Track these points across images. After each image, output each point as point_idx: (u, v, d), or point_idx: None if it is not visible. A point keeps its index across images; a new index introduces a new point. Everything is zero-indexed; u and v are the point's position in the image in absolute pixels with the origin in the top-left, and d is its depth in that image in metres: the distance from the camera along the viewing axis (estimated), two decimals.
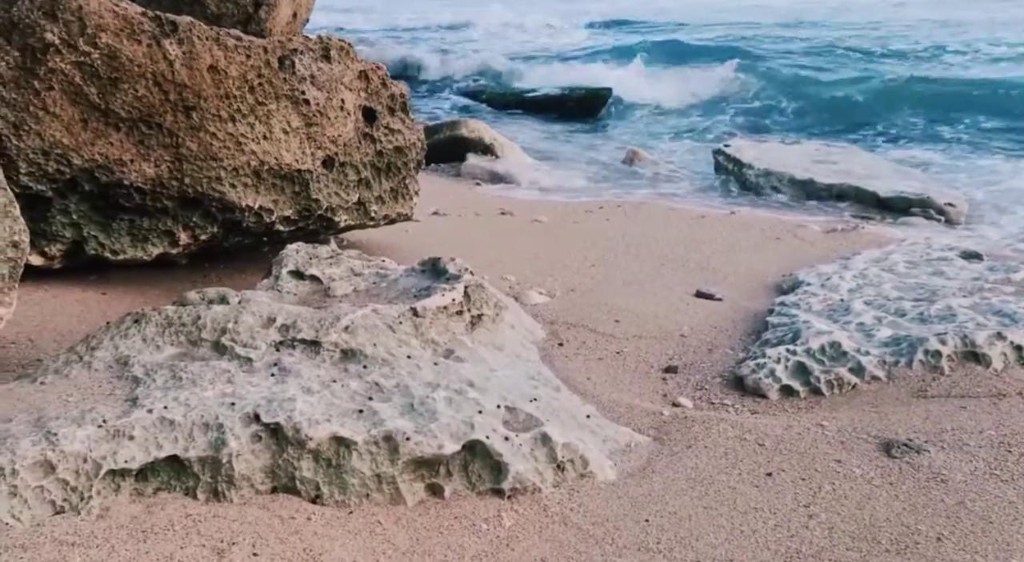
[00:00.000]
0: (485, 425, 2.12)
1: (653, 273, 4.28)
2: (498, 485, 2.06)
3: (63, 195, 3.25)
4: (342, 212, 3.87)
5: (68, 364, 2.26)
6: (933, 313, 3.21)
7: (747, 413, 2.64)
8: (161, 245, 3.46)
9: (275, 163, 3.54)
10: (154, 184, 3.32)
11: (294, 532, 1.81)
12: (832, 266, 4.20)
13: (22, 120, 3.05)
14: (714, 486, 2.14)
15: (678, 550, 1.87)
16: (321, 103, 3.68)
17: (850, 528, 1.95)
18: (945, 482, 2.14)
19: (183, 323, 2.40)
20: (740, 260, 4.61)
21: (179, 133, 3.29)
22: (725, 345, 3.23)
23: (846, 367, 2.81)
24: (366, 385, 2.24)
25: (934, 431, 2.41)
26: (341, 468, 1.99)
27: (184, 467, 1.92)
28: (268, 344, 2.37)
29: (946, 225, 5.82)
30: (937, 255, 4.33)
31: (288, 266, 3.06)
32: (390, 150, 4.04)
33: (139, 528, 1.75)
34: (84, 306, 3.26)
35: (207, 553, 1.69)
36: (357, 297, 2.87)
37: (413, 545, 1.84)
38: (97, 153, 3.18)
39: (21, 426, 1.90)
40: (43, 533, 1.70)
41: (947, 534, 1.92)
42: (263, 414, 2.01)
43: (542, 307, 3.58)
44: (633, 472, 2.22)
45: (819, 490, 2.12)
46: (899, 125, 9.50)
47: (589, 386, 2.79)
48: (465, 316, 2.78)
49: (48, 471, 1.79)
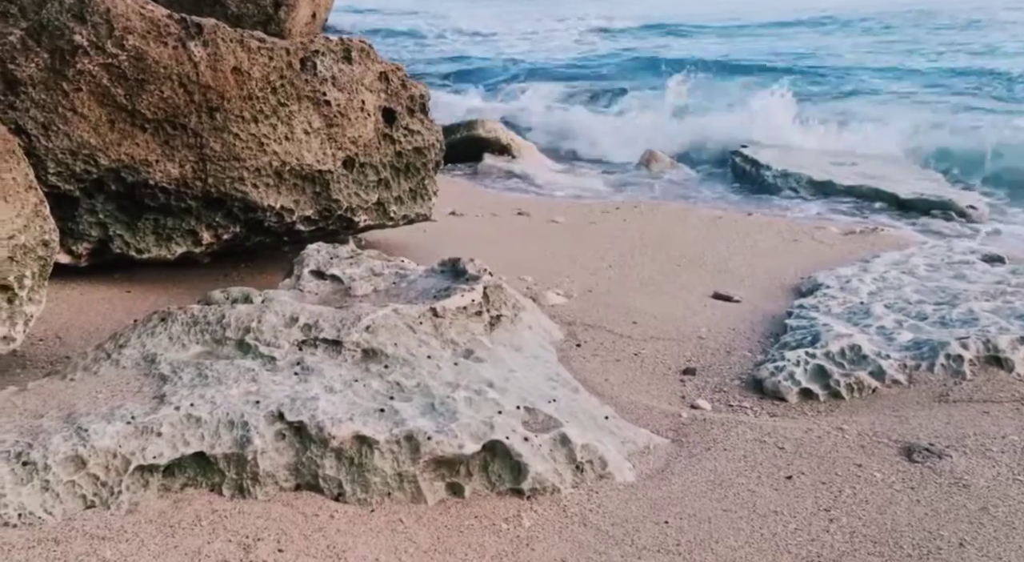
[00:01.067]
0: (505, 425, 2.14)
1: (670, 274, 4.28)
2: (518, 485, 2.08)
3: (90, 195, 3.31)
4: (362, 212, 3.90)
5: (97, 361, 2.31)
6: (955, 317, 3.19)
7: (766, 416, 2.64)
8: (185, 244, 3.50)
9: (296, 163, 3.58)
10: (178, 184, 3.36)
11: (318, 529, 1.84)
12: (851, 268, 4.18)
13: (51, 121, 3.11)
14: (733, 488, 2.15)
15: (697, 552, 1.88)
16: (342, 104, 3.71)
17: (871, 532, 1.94)
18: (968, 487, 2.14)
19: (208, 322, 2.44)
20: (758, 262, 4.59)
21: (203, 134, 3.34)
22: (743, 347, 3.23)
23: (866, 370, 2.80)
24: (387, 385, 2.26)
25: (956, 436, 2.40)
26: (363, 467, 2.01)
27: (210, 463, 1.95)
28: (291, 343, 2.40)
29: (967, 227, 5.76)
30: (958, 258, 4.30)
31: (309, 266, 3.10)
32: (409, 151, 4.07)
33: (167, 523, 1.78)
34: (110, 304, 3.31)
35: (233, 548, 1.72)
36: (377, 297, 2.90)
37: (434, 544, 1.86)
38: (123, 153, 3.23)
39: (52, 422, 1.94)
40: (75, 527, 1.74)
41: (970, 540, 1.92)
42: (287, 412, 2.04)
43: (560, 308, 3.60)
44: (652, 474, 2.23)
45: (839, 494, 2.11)
46: None
47: (607, 387, 2.80)
48: (484, 317, 2.80)
49: (79, 466, 1.83)
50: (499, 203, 6.17)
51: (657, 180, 7.36)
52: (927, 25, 17.89)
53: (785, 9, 21.07)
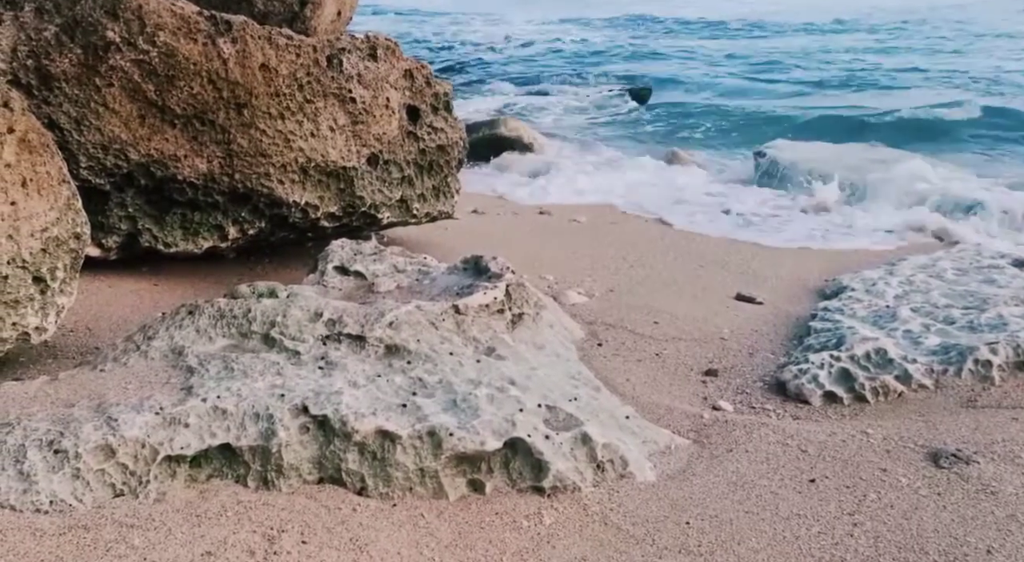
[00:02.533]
0: (526, 423, 2.14)
1: (692, 275, 4.26)
2: (539, 483, 2.08)
3: (120, 189, 3.36)
4: (385, 209, 3.93)
5: (126, 352, 2.34)
6: (983, 321, 3.15)
7: (789, 418, 2.62)
8: (211, 238, 3.54)
9: (322, 160, 3.61)
10: (206, 179, 3.40)
11: (340, 522, 1.86)
12: (878, 271, 4.13)
13: (83, 116, 3.16)
14: (755, 490, 2.14)
15: (719, 553, 1.87)
16: (367, 101, 3.73)
17: (896, 538, 1.92)
18: (995, 494, 2.11)
19: (234, 315, 2.46)
20: (781, 263, 4.56)
21: (231, 130, 3.37)
22: (766, 349, 3.20)
23: (892, 374, 2.77)
24: (410, 380, 2.28)
25: (984, 442, 2.37)
26: (386, 461, 2.03)
27: (236, 455, 1.98)
28: (315, 338, 2.42)
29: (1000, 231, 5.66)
30: (988, 262, 4.23)
31: (333, 262, 3.12)
32: (433, 148, 4.09)
33: (194, 513, 1.81)
34: (138, 296, 3.36)
35: (258, 539, 1.74)
36: (400, 293, 2.92)
37: (455, 539, 1.87)
38: (153, 148, 3.28)
39: (83, 411, 1.98)
40: (104, 515, 1.77)
41: (997, 547, 1.89)
42: (311, 406, 2.06)
43: (581, 307, 3.59)
44: (673, 474, 2.22)
45: (864, 498, 2.09)
46: None
47: (628, 387, 2.79)
48: (506, 314, 2.80)
49: (109, 455, 1.86)
50: (520, 202, 6.18)
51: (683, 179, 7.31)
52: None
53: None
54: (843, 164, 6.90)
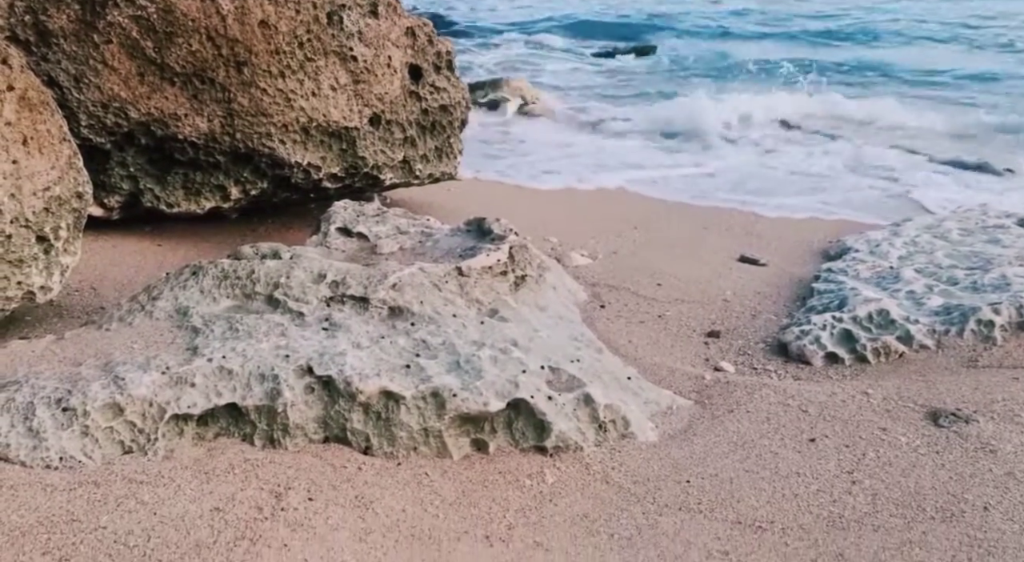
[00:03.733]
0: (529, 384, 2.16)
1: (696, 237, 4.25)
2: (541, 443, 2.10)
3: (121, 148, 3.33)
4: (387, 170, 3.90)
5: (131, 312, 2.35)
6: (987, 282, 3.14)
7: (790, 379, 2.64)
8: (213, 199, 3.53)
9: (323, 120, 3.57)
10: (207, 139, 3.38)
11: (346, 480, 1.89)
12: (882, 232, 4.11)
13: (82, 73, 3.12)
14: (756, 450, 2.16)
15: (719, 511, 1.90)
16: (368, 60, 3.68)
17: (894, 495, 1.95)
18: (994, 452, 2.13)
19: (238, 276, 2.47)
20: (785, 225, 4.54)
21: (231, 88, 3.33)
22: (769, 311, 3.21)
23: (894, 335, 2.78)
24: (413, 342, 2.29)
25: (984, 401, 2.38)
26: (390, 421, 2.05)
27: (242, 414, 2.00)
28: (319, 299, 2.43)
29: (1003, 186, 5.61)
30: (993, 222, 4.20)
31: (336, 223, 3.11)
32: (435, 108, 4.04)
33: (202, 469, 1.84)
34: (141, 256, 3.36)
35: (265, 495, 1.77)
36: (403, 255, 2.92)
37: (459, 497, 1.90)
38: (153, 107, 3.24)
39: (90, 370, 2.00)
40: (113, 471, 1.80)
41: (994, 504, 1.92)
42: (316, 367, 2.07)
43: (584, 269, 3.59)
44: (674, 434, 2.25)
45: (863, 457, 2.12)
46: None
47: (631, 349, 2.81)
48: (509, 276, 2.80)
49: (117, 413, 1.89)
50: (523, 163, 6.13)
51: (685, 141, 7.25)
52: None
53: None
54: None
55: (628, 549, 1.76)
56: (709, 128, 6.96)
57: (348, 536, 1.68)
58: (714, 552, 1.76)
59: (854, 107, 7.92)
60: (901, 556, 1.74)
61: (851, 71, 10.47)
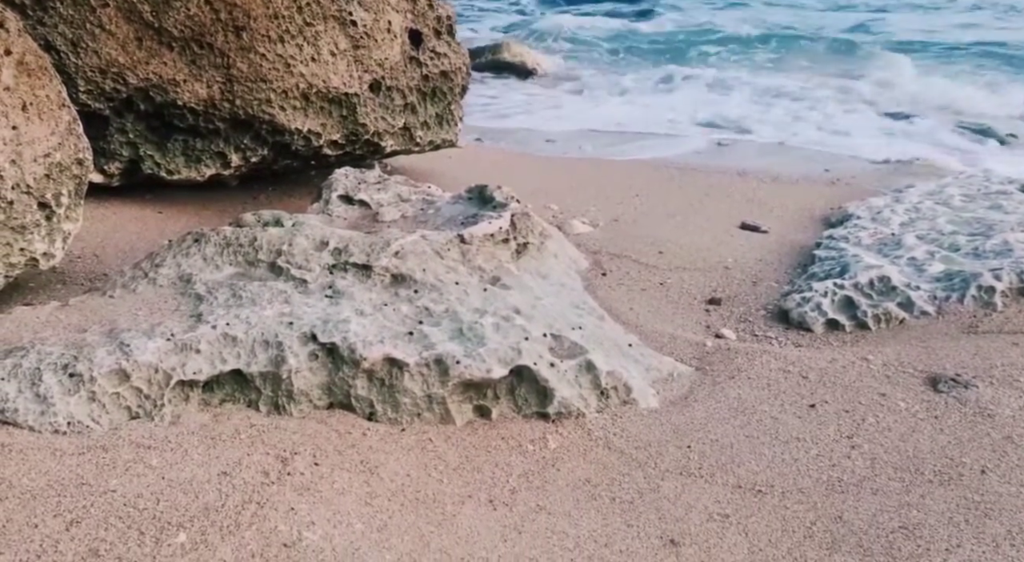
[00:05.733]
0: (532, 351, 2.17)
1: (697, 204, 4.23)
2: (543, 409, 2.12)
3: (120, 114, 3.31)
4: (388, 137, 3.87)
5: (135, 280, 2.36)
6: (988, 248, 3.14)
7: (791, 346, 2.66)
8: (214, 166, 3.51)
9: (323, 86, 3.53)
10: (206, 105, 3.35)
11: (351, 445, 1.91)
12: (884, 199, 4.10)
13: (79, 37, 3.08)
14: (756, 415, 2.18)
15: (719, 475, 1.93)
16: (368, 25, 3.63)
17: (893, 459, 1.98)
18: (992, 417, 2.15)
19: (240, 244, 2.47)
20: (787, 191, 4.52)
21: (230, 54, 3.29)
22: (770, 278, 3.22)
23: (895, 302, 2.79)
24: (416, 309, 2.30)
25: (983, 367, 2.40)
26: (394, 388, 2.07)
27: (247, 381, 2.02)
28: (322, 267, 2.43)
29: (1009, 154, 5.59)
30: (996, 188, 4.19)
31: (337, 190, 3.10)
32: (436, 74, 4.00)
33: (208, 435, 1.86)
34: (143, 223, 3.36)
35: (271, 460, 1.79)
36: (405, 223, 2.91)
37: (463, 462, 1.92)
38: (151, 72, 3.21)
39: (96, 337, 2.01)
40: (121, 436, 1.82)
41: (991, 467, 1.94)
42: (319, 334, 2.09)
43: (585, 236, 3.59)
44: (675, 400, 2.27)
45: (862, 422, 2.14)
46: None
47: (632, 316, 2.82)
48: (511, 244, 2.80)
49: (123, 379, 1.90)
50: (523, 129, 6.09)
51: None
52: None
53: None
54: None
55: (630, 512, 1.79)
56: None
57: (354, 500, 1.71)
58: (714, 515, 1.79)
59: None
60: (899, 518, 1.77)
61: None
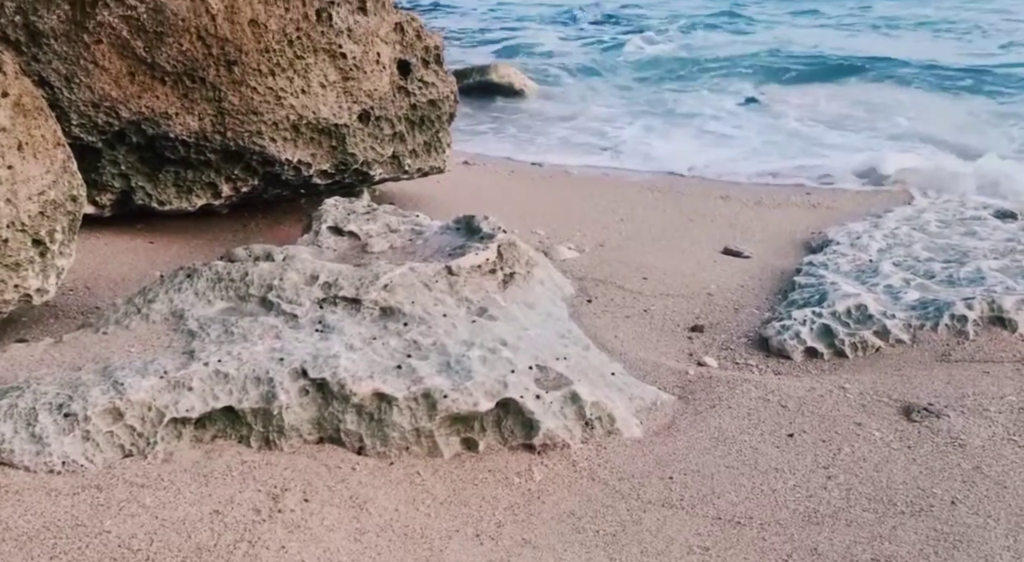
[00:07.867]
0: (518, 384, 2.23)
1: (681, 229, 4.31)
2: (529, 441, 2.18)
3: (112, 146, 3.36)
4: (377, 166, 3.94)
5: (128, 315, 2.40)
6: (962, 275, 3.23)
7: (771, 374, 2.72)
8: (205, 196, 3.57)
9: (313, 117, 3.60)
10: (198, 137, 3.40)
11: (340, 480, 1.95)
12: (863, 224, 4.20)
13: (73, 73, 3.14)
14: (736, 445, 2.25)
15: (700, 507, 1.98)
16: (357, 56, 3.70)
17: (867, 490, 2.04)
18: (963, 446, 2.22)
19: (232, 279, 2.52)
20: (769, 216, 4.61)
21: (221, 87, 3.36)
22: (752, 304, 3.29)
23: (871, 330, 2.86)
24: (405, 343, 2.35)
25: (955, 395, 2.47)
26: (383, 422, 2.12)
27: (239, 417, 2.06)
28: (312, 301, 2.48)
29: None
30: (971, 214, 4.30)
31: (327, 222, 3.16)
32: (424, 103, 4.07)
33: (200, 472, 1.90)
34: (134, 254, 3.40)
35: (263, 497, 1.83)
36: (394, 254, 2.97)
37: (450, 496, 1.97)
38: (144, 106, 3.27)
39: (90, 375, 2.05)
40: (115, 475, 1.86)
41: (961, 498, 2.01)
42: (310, 369, 2.14)
43: (571, 262, 3.65)
44: (658, 430, 2.33)
45: (838, 452, 2.21)
46: None
47: (616, 344, 2.88)
48: (498, 274, 2.87)
49: (117, 418, 1.94)
50: (511, 153, 6.17)
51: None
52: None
53: None
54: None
55: (613, 546, 1.84)
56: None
57: (343, 536, 1.76)
58: (695, 548, 1.84)
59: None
60: (872, 550, 1.83)
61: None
